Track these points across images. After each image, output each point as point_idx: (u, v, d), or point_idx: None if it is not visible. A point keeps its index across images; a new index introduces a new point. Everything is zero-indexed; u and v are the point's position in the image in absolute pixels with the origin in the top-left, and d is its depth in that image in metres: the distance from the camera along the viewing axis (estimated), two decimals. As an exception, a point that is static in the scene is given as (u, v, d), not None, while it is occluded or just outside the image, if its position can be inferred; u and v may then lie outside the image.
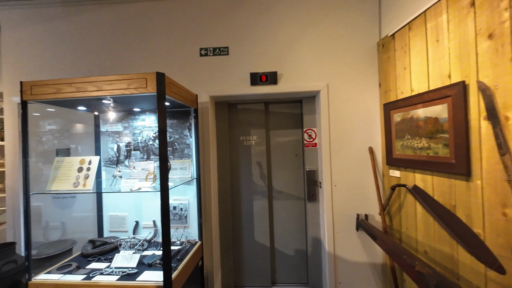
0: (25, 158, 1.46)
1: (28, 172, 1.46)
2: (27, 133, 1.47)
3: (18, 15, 2.30)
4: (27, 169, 1.46)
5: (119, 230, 2.05)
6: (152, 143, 2.03)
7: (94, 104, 1.68)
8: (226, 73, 2.16)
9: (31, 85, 1.45)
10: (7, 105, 2.34)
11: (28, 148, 1.47)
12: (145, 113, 2.04)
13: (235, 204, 2.43)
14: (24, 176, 1.45)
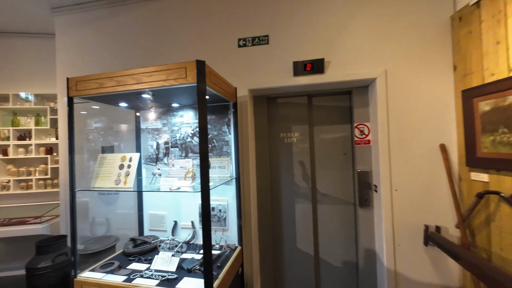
0: (71, 154, 1.46)
1: (73, 169, 1.46)
2: (73, 129, 1.47)
3: (70, 20, 2.43)
4: (73, 166, 1.46)
5: (158, 229, 2.01)
6: (190, 140, 1.94)
7: (134, 100, 1.64)
8: (266, 64, 1.98)
9: (76, 81, 1.44)
10: (61, 105, 2.49)
11: (73, 145, 1.47)
12: (183, 109, 1.96)
13: (275, 207, 2.24)
14: (70, 172, 1.45)
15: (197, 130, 1.93)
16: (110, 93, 1.40)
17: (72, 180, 1.45)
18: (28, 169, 2.85)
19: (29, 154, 2.86)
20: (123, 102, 1.71)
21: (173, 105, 1.88)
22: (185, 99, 1.73)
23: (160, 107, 1.99)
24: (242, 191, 1.95)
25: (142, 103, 1.77)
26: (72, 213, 1.46)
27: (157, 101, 1.72)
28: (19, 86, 2.96)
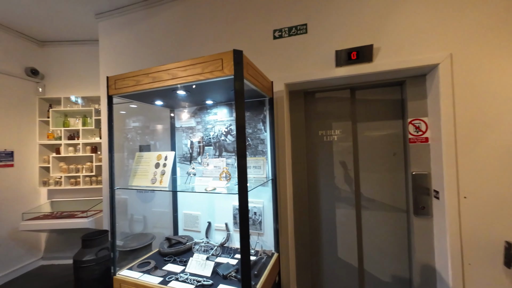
0: (111, 152, 1.47)
1: (113, 167, 1.47)
2: (112, 128, 1.48)
3: (111, 24, 2.54)
4: (112, 164, 1.47)
5: (192, 230, 1.97)
6: (224, 138, 1.87)
7: (169, 97, 1.61)
8: (304, 55, 1.82)
9: (115, 79, 1.45)
10: (103, 106, 2.63)
11: (113, 143, 1.49)
12: (217, 106, 1.89)
13: (313, 211, 2.06)
14: (110, 170, 1.47)
15: (230, 128, 1.85)
16: (147, 90, 1.37)
17: (112, 178, 1.47)
18: (77, 167, 3.08)
19: (77, 152, 3.09)
20: (158, 99, 1.70)
21: (207, 102, 1.82)
22: (220, 95, 1.66)
23: (194, 105, 1.95)
24: (278, 193, 1.82)
25: (177, 101, 1.74)
26: (112, 210, 1.47)
27: (191, 98, 1.68)
28: (69, 90, 3.22)
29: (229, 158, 1.84)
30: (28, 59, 3.10)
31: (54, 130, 3.13)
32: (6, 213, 2.80)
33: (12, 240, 2.86)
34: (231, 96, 1.67)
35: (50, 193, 3.24)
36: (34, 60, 3.17)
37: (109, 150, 1.47)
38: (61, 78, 3.28)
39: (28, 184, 3.04)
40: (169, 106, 1.97)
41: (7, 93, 2.84)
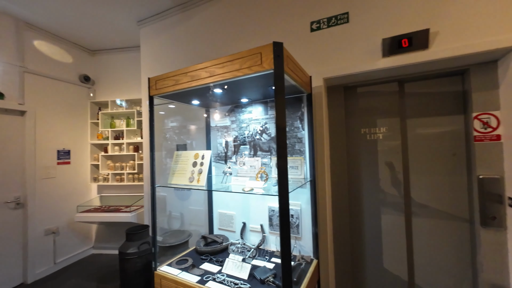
0: (152, 151, 1.52)
1: (154, 165, 1.52)
2: (153, 127, 1.53)
3: (151, 30, 2.68)
4: (153, 162, 1.52)
5: (227, 229, 1.96)
6: (259, 137, 1.82)
7: (206, 96, 1.60)
8: (345, 47, 1.68)
9: (156, 80, 1.49)
10: (145, 108, 2.78)
11: (154, 142, 1.53)
12: (252, 105, 1.85)
13: (354, 216, 1.90)
14: (151, 168, 1.52)
15: (266, 127, 1.79)
16: (185, 89, 1.38)
17: (153, 176, 1.51)
18: (121, 164, 3.33)
19: (122, 151, 3.34)
20: (195, 99, 1.71)
21: (242, 100, 1.78)
22: (255, 93, 1.61)
23: (229, 104, 1.93)
24: (317, 195, 1.70)
25: (213, 100, 1.74)
26: (153, 207, 1.52)
27: (227, 96, 1.66)
28: (115, 93, 3.51)
29: (264, 157, 1.79)
30: (82, 67, 3.44)
31: (103, 131, 3.43)
32: (65, 205, 3.14)
33: (70, 229, 3.20)
34: (267, 93, 1.61)
35: (99, 188, 3.55)
36: (86, 68, 3.51)
37: (150, 149, 1.52)
38: (108, 83, 3.58)
39: (81, 180, 3.38)
40: (205, 105, 1.99)
41: (65, 98, 3.18)
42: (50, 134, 3.00)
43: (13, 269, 2.64)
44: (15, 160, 2.68)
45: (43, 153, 2.92)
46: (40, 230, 2.85)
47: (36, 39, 2.88)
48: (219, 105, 1.96)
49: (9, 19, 2.62)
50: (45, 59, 2.97)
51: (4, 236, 2.57)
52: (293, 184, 1.46)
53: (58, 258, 3.04)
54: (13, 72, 2.64)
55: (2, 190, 2.56)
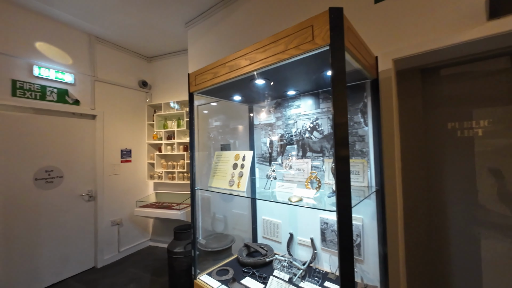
0: (191, 151, 1.43)
1: (193, 166, 1.43)
2: (193, 126, 1.44)
3: (197, 30, 2.69)
4: (193, 163, 1.43)
5: (272, 239, 1.76)
6: (308, 136, 1.55)
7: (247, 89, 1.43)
8: (425, 14, 1.27)
9: (195, 75, 1.39)
10: (191, 108, 2.82)
11: (194, 141, 1.44)
12: (300, 98, 1.60)
13: (437, 238, 1.45)
14: (191, 169, 1.43)
15: (317, 123, 1.52)
16: (224, 83, 1.23)
17: (193, 177, 1.42)
18: (173, 163, 3.50)
19: (173, 151, 3.51)
20: (236, 94, 1.56)
21: (289, 93, 1.55)
22: (304, 82, 1.35)
23: (274, 98, 1.72)
24: (387, 209, 1.34)
25: (255, 93, 1.56)
26: (192, 211, 1.43)
27: (271, 88, 1.45)
28: (168, 96, 3.72)
29: (315, 159, 1.51)
30: (140, 73, 3.76)
31: (158, 132, 3.67)
32: (127, 199, 3.47)
33: (130, 222, 3.51)
34: (319, 81, 1.34)
35: (155, 185, 3.82)
36: (144, 74, 3.82)
37: (190, 148, 1.43)
38: (162, 87, 3.81)
39: (140, 177, 3.68)
40: (247, 101, 1.83)
41: (126, 102, 3.51)
42: (115, 135, 3.34)
43: (87, 254, 3.02)
44: (88, 158, 3.05)
45: (110, 152, 3.26)
46: (107, 221, 3.20)
47: (104, 51, 3.24)
48: (263, 100, 1.77)
49: (84, 36, 3.01)
50: (111, 67, 3.32)
51: (80, 224, 2.95)
52: (354, 194, 1.15)
53: (122, 247, 3.36)
54: (86, 81, 3.01)
55: (78, 184, 2.95)
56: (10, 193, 2.37)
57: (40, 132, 2.61)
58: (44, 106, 2.61)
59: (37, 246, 2.56)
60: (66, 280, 2.80)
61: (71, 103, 2.84)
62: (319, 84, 1.40)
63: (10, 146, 2.38)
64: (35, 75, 2.53)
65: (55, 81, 2.70)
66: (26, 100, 2.47)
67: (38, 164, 2.59)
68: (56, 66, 2.71)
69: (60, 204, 2.77)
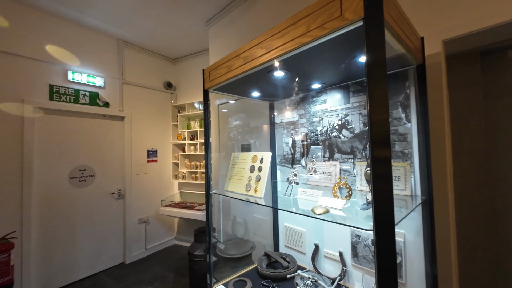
0: (207, 152, 1.33)
1: (209, 168, 1.33)
2: (208, 124, 1.35)
3: (218, 28, 2.62)
4: (208, 165, 1.33)
5: (295, 249, 1.59)
6: (336, 134, 1.36)
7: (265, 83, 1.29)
8: (489, -19, 1.00)
9: (210, 71, 1.29)
10: (212, 108, 2.77)
11: (209, 141, 1.35)
12: (326, 92, 1.41)
13: (506, 260, 1.16)
14: (206, 172, 1.33)
15: (346, 120, 1.32)
16: (239, 77, 1.11)
17: (208, 181, 1.33)
18: (196, 163, 3.51)
19: (196, 151, 3.52)
20: (254, 89, 1.43)
21: (313, 86, 1.37)
22: (331, 72, 1.17)
23: (297, 93, 1.55)
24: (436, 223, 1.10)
25: (275, 88, 1.41)
26: (207, 216, 1.34)
27: (292, 82, 1.29)
28: (191, 96, 3.74)
29: (345, 162, 1.32)
30: (165, 75, 3.84)
31: (182, 132, 3.71)
32: (153, 198, 3.56)
33: (156, 220, 3.60)
34: (348, 72, 1.15)
35: (179, 185, 3.88)
36: (169, 76, 3.90)
37: (205, 149, 1.34)
38: (185, 87, 3.85)
39: (165, 176, 3.76)
40: (267, 97, 1.69)
41: (152, 104, 3.61)
42: (142, 135, 3.44)
43: (117, 250, 3.15)
44: (117, 158, 3.18)
45: (137, 152, 3.37)
46: (135, 218, 3.31)
47: (131, 54, 3.35)
48: (285, 96, 1.62)
49: (113, 40, 3.14)
50: (138, 70, 3.43)
51: (111, 221, 3.09)
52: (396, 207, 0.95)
53: (148, 244, 3.46)
54: (115, 84, 3.14)
55: (109, 182, 3.08)
56: (48, 191, 2.55)
57: (74, 133, 2.77)
58: (78, 109, 2.76)
59: (73, 241, 2.72)
60: (98, 274, 2.94)
61: (101, 105, 2.98)
62: (348, 75, 1.20)
63: (48, 147, 2.56)
64: (70, 80, 2.69)
65: (87, 84, 2.84)
66: (61, 104, 2.64)
67: (73, 163, 2.75)
68: (87, 71, 2.85)
69: (93, 202, 2.92)
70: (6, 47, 2.25)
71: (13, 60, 2.30)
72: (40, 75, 2.49)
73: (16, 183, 2.29)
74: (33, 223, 2.40)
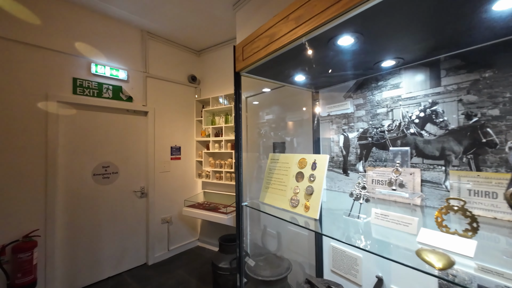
0: (238, 151, 1.04)
1: (241, 173, 1.04)
2: (240, 117, 1.05)
3: (246, 10, 2.32)
4: (240, 169, 1.04)
5: (345, 277, 1.25)
6: (415, 131, 0.98)
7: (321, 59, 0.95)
8: None
9: (243, 46, 0.99)
10: (239, 101, 2.48)
11: (241, 138, 1.05)
12: (399, 72, 1.03)
13: None
14: (237, 178, 1.04)
15: (434, 111, 0.93)
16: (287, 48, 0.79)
17: (239, 189, 1.03)
18: (220, 162, 3.27)
19: (221, 149, 3.28)
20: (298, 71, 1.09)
21: (383, 64, 1.00)
22: (417, 41, 0.80)
23: (355, 75, 1.18)
24: None
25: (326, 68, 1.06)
26: (239, 234, 1.05)
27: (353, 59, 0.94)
28: (216, 90, 3.50)
29: (428, 170, 0.94)
30: (189, 68, 3.64)
31: (206, 128, 3.49)
32: (176, 197, 3.41)
33: (179, 220, 3.45)
34: (440, 39, 0.77)
35: (203, 184, 3.68)
36: (193, 69, 3.70)
37: (236, 148, 1.04)
38: (210, 81, 3.62)
39: (189, 175, 3.59)
40: (313, 83, 1.34)
41: (176, 98, 3.44)
42: (165, 131, 3.29)
43: (140, 250, 3.04)
44: (141, 155, 3.06)
45: (160, 149, 3.22)
46: (158, 218, 3.17)
47: (155, 46, 3.19)
48: (335, 81, 1.26)
49: (137, 31, 2.99)
50: (161, 63, 3.27)
51: (134, 221, 2.98)
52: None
53: (171, 245, 3.32)
54: (138, 77, 3.00)
55: (132, 180, 2.97)
56: (72, 188, 2.47)
57: (97, 128, 2.67)
58: (101, 103, 2.66)
59: (97, 240, 2.64)
60: (121, 274, 2.85)
61: (124, 100, 2.85)
62: (445, 43, 0.82)
63: (72, 142, 2.48)
64: (93, 73, 2.58)
65: (110, 78, 2.72)
66: (85, 98, 2.54)
67: (96, 160, 2.66)
68: (111, 63, 2.73)
69: (116, 200, 2.82)
70: (30, 39, 2.17)
71: (36, 52, 2.22)
72: (64, 68, 2.40)
73: (40, 180, 2.22)
74: (57, 220, 2.34)
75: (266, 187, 1.06)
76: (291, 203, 0.88)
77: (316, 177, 0.84)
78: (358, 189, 0.84)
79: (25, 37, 2.15)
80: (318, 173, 0.84)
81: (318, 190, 0.81)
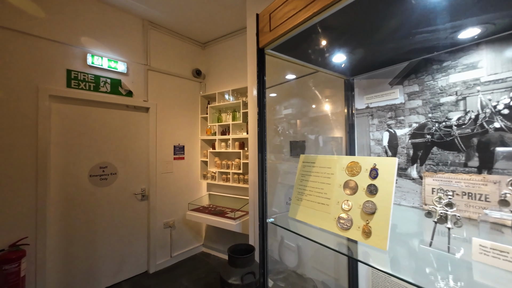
0: (262, 152, 0.80)
1: (264, 181, 0.79)
2: (263, 107, 0.80)
3: None
4: (264, 175, 0.79)
5: (392, 309, 1.00)
6: (502, 125, 0.73)
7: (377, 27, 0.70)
8: None
9: (271, 12, 0.74)
10: (250, 98, 2.24)
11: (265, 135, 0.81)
12: (477, 48, 0.78)
13: None
14: (261, 187, 0.80)
15: (533, 97, 0.68)
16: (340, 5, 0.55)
17: (263, 202, 0.79)
18: (227, 163, 3.04)
19: (228, 148, 3.04)
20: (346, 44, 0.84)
21: (461, 36, 0.75)
22: None
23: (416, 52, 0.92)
24: None
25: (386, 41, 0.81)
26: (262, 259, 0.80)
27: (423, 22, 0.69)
28: (222, 85, 3.26)
29: (525, 177, 0.68)
30: (194, 61, 3.41)
31: (212, 126, 3.26)
32: (179, 200, 3.18)
33: (183, 224, 3.22)
34: None
35: (208, 186, 3.45)
36: (198, 62, 3.46)
37: (259, 149, 0.80)
38: (216, 75, 3.38)
39: (193, 176, 3.35)
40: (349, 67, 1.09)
41: (179, 94, 3.20)
42: (168, 129, 3.06)
43: (140, 257, 2.82)
44: (141, 154, 2.83)
45: (163, 148, 3.00)
46: (160, 223, 2.95)
47: (157, 37, 2.96)
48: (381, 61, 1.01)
49: (137, 20, 2.76)
50: (164, 55, 3.03)
51: (134, 225, 2.76)
52: None
53: (174, 251, 3.09)
54: (139, 70, 2.77)
55: (132, 182, 2.75)
56: (66, 191, 2.25)
57: (94, 125, 2.45)
58: (98, 98, 2.43)
59: (94, 247, 2.42)
60: (120, 283, 2.63)
61: (124, 95, 2.63)
62: None
63: (65, 140, 2.25)
64: (89, 64, 2.35)
65: (108, 70, 2.50)
66: (80, 92, 2.31)
67: (93, 159, 2.44)
68: (109, 54, 2.50)
69: (115, 203, 2.60)
70: (18, 26, 1.95)
71: (25, 41, 2.00)
72: (57, 59, 2.17)
73: (30, 182, 2.00)
74: (49, 226, 2.12)
75: (298, 198, 0.81)
76: (340, 224, 0.64)
77: (380, 190, 0.60)
78: (439, 206, 0.59)
79: (12, 24, 1.93)
80: (382, 183, 0.60)
81: (385, 208, 0.57)
